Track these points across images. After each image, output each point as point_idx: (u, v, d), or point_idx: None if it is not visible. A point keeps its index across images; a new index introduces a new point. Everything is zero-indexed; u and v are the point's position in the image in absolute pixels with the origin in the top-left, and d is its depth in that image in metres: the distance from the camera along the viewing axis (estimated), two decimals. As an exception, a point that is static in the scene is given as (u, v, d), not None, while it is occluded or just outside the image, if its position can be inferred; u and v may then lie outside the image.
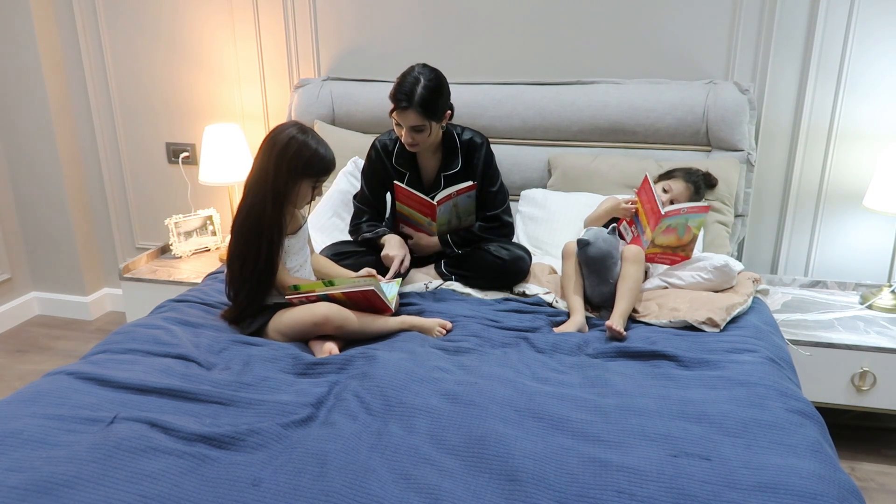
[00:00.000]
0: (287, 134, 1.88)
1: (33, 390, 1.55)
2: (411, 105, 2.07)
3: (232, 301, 1.97)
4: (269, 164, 1.87)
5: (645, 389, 1.59)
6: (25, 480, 1.24)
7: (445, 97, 2.16)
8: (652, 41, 2.61)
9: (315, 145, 1.88)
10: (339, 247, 2.31)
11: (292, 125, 1.92)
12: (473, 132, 2.30)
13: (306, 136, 1.88)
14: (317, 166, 1.89)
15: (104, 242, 3.47)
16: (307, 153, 1.87)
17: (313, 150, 1.88)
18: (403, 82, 2.11)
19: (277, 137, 1.88)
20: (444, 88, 2.15)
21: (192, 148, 3.17)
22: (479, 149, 2.27)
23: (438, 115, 2.14)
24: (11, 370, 2.99)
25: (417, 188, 2.28)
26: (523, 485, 1.25)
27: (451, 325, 1.97)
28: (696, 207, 2.12)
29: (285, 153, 1.86)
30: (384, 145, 2.31)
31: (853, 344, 2.22)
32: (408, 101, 2.07)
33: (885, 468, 2.29)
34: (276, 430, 1.42)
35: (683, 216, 2.10)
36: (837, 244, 2.67)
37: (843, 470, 1.33)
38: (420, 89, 2.08)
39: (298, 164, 1.86)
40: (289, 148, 1.86)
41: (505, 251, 2.23)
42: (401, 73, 2.14)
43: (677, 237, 2.14)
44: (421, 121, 2.10)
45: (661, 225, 2.09)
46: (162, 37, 3.05)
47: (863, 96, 2.49)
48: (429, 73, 2.12)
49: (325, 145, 1.92)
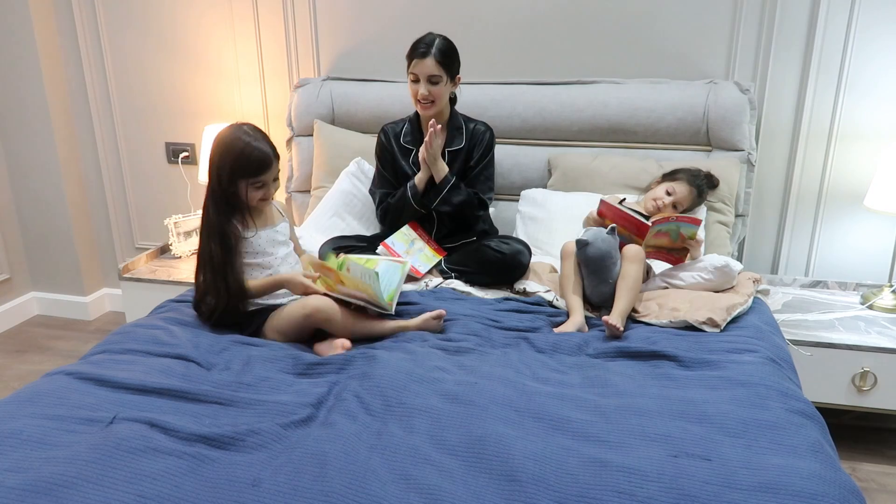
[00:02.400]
0: (222, 133, 1.88)
1: (32, 390, 1.55)
2: (430, 52, 2.20)
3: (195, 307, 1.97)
4: (210, 167, 1.88)
5: (645, 389, 1.59)
6: (25, 481, 1.24)
7: (457, 55, 2.29)
8: (652, 41, 2.61)
9: (247, 139, 1.84)
10: (340, 241, 2.32)
11: (232, 124, 1.89)
12: (479, 122, 2.43)
13: (240, 132, 1.86)
14: (249, 161, 1.84)
15: (104, 242, 3.47)
16: (238, 147, 1.84)
17: (244, 143, 1.84)
18: (421, 38, 2.25)
19: (216, 137, 1.88)
20: (455, 48, 2.28)
21: (192, 148, 3.17)
22: (482, 133, 2.39)
23: (454, 69, 2.27)
24: (10, 370, 2.99)
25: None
26: (523, 485, 1.24)
27: (444, 312, 1.96)
28: (688, 218, 2.14)
29: (217, 152, 1.86)
30: (392, 128, 2.43)
31: (854, 344, 2.22)
32: (426, 48, 2.21)
33: (886, 468, 2.29)
34: (275, 430, 1.41)
35: (675, 223, 2.12)
36: (838, 244, 2.66)
37: (843, 470, 1.33)
38: (438, 41, 2.23)
39: (228, 161, 1.84)
40: (221, 146, 1.86)
41: (505, 245, 2.27)
42: (416, 39, 2.26)
43: (670, 240, 2.16)
44: (438, 70, 2.21)
45: (651, 231, 2.10)
46: (162, 37, 3.05)
47: (863, 96, 2.49)
48: (441, 35, 2.26)
49: (260, 140, 1.86)
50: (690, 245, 2.17)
